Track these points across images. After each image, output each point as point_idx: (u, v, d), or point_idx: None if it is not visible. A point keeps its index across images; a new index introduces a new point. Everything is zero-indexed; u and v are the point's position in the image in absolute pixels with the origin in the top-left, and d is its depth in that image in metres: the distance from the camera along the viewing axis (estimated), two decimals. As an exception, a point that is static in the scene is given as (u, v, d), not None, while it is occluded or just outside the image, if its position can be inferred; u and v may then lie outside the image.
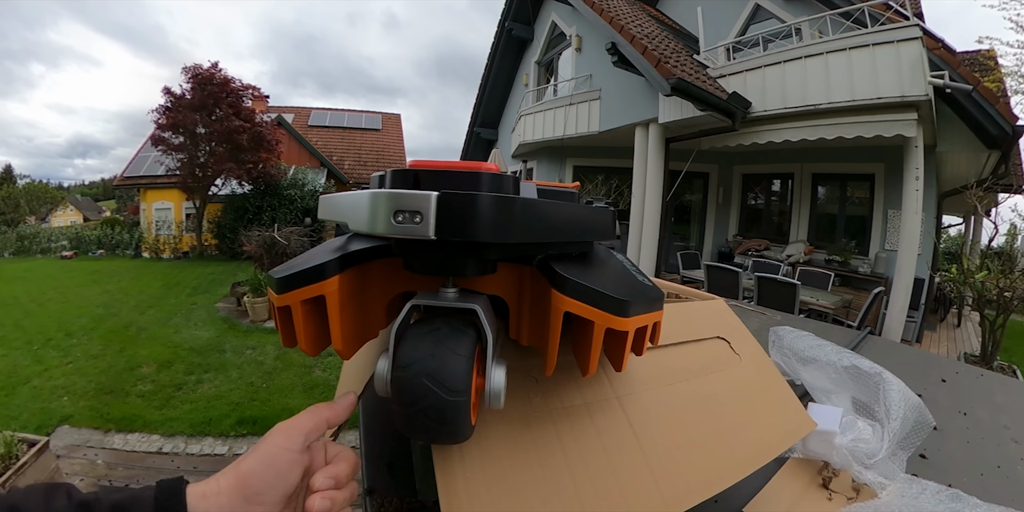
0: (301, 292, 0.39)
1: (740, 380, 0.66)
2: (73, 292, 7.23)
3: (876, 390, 0.79)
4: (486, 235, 0.32)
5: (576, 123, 6.55)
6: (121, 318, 5.69)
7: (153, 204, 12.21)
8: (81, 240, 12.64)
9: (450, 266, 0.38)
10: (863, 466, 0.68)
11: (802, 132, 4.65)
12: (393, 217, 0.32)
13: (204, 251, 11.07)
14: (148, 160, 11.99)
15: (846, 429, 0.72)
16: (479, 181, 0.34)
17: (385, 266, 0.44)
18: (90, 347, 4.64)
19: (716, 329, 0.73)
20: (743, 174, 7.30)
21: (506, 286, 0.46)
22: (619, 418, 0.53)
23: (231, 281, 7.08)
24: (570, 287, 0.37)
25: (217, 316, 5.75)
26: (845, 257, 5.79)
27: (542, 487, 0.45)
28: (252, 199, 10.64)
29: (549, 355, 0.40)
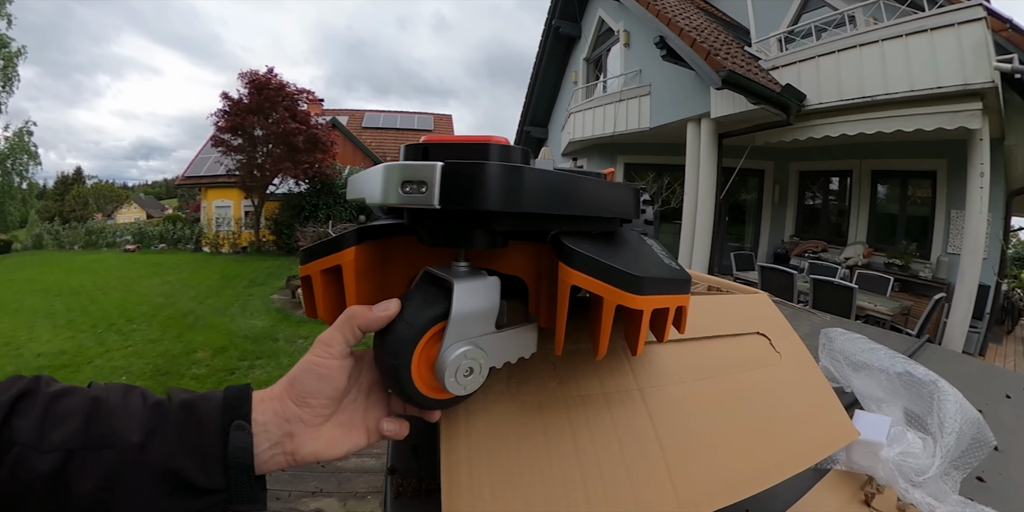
0: (320, 262, 0.41)
1: (778, 380, 0.61)
2: (135, 282, 7.79)
3: (930, 400, 0.71)
4: (489, 203, 0.32)
5: (626, 119, 6.42)
6: (180, 307, 6.07)
7: (213, 202, 12.95)
8: (144, 235, 13.61)
9: (457, 237, 0.38)
10: (911, 484, 0.61)
11: (859, 126, 4.38)
12: (401, 188, 0.33)
13: (262, 246, 11.64)
14: (208, 161, 12.72)
15: (894, 441, 0.64)
16: (486, 152, 0.34)
17: (406, 243, 0.45)
18: (149, 332, 4.98)
19: (756, 324, 0.68)
20: (800, 171, 6.95)
21: (523, 265, 0.45)
22: (639, 411, 0.49)
23: (286, 274, 7.39)
24: (577, 259, 0.35)
25: (272, 307, 6.03)
26: (905, 261, 5.42)
27: (548, 476, 0.43)
28: (308, 197, 11.11)
29: (558, 333, 0.38)
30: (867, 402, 0.76)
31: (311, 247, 0.42)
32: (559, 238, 0.38)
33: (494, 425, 0.44)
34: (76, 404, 0.33)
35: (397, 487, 0.68)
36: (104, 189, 21.48)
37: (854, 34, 4.37)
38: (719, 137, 5.32)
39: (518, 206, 0.33)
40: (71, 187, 20.84)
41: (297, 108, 10.96)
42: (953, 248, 5.05)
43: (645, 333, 0.40)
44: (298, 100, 11.08)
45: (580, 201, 0.38)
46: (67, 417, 0.32)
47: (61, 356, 4.27)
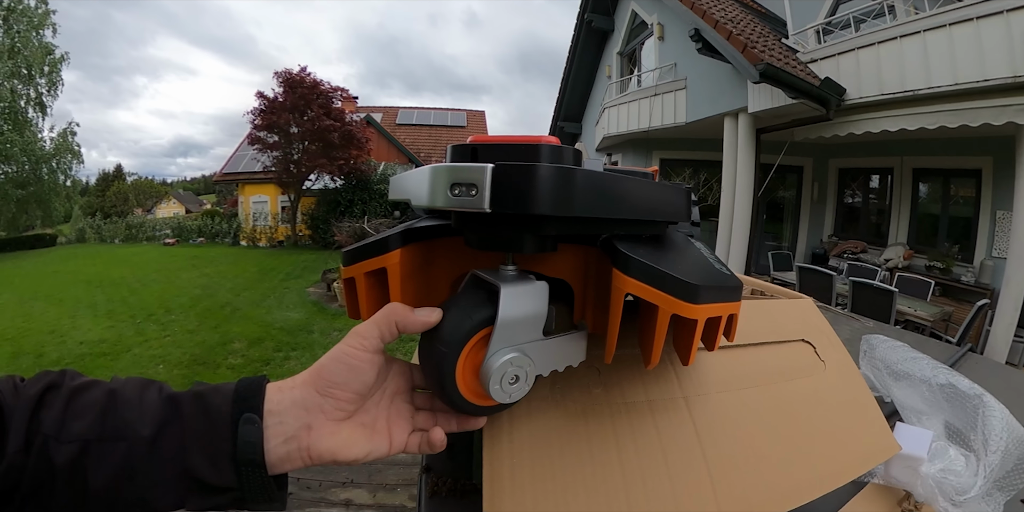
0: (365, 264, 0.40)
1: (822, 390, 0.59)
2: (174, 274, 8.04)
3: (974, 415, 0.66)
4: (541, 207, 0.31)
5: (662, 114, 6.29)
6: (217, 298, 6.25)
7: (251, 197, 13.33)
8: (183, 229, 14.10)
9: (506, 241, 0.37)
10: (951, 503, 0.58)
11: (900, 121, 4.16)
12: (450, 190, 0.32)
13: (298, 241, 11.95)
14: (245, 158, 13.10)
15: (935, 456, 0.61)
16: (537, 153, 0.33)
17: (451, 244, 0.44)
18: (187, 323, 5.15)
19: (801, 331, 0.65)
20: (839, 168, 6.69)
21: (571, 269, 0.44)
22: (683, 420, 0.48)
23: (322, 268, 7.52)
24: (633, 267, 0.34)
25: (308, 300, 6.14)
26: (947, 264, 5.14)
27: (591, 485, 0.42)
28: (344, 193, 11.35)
29: (608, 342, 0.37)
30: (907, 413, 0.72)
31: (355, 249, 0.41)
32: (612, 242, 0.36)
33: (538, 432, 0.44)
34: (95, 397, 0.34)
35: (432, 486, 0.68)
36: (144, 185, 22.51)
37: (894, 25, 4.15)
38: (757, 132, 5.16)
39: (571, 210, 0.32)
40: (112, 184, 21.93)
41: (331, 105, 11.15)
42: (999, 251, 4.77)
43: (698, 343, 0.38)
44: (332, 98, 11.27)
45: (633, 204, 0.37)
46: (86, 409, 0.33)
47: (101, 344, 4.46)
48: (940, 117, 3.90)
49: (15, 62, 11.60)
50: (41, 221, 13.54)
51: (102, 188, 22.04)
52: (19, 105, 11.85)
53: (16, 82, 11.78)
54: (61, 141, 13.12)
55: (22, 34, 11.69)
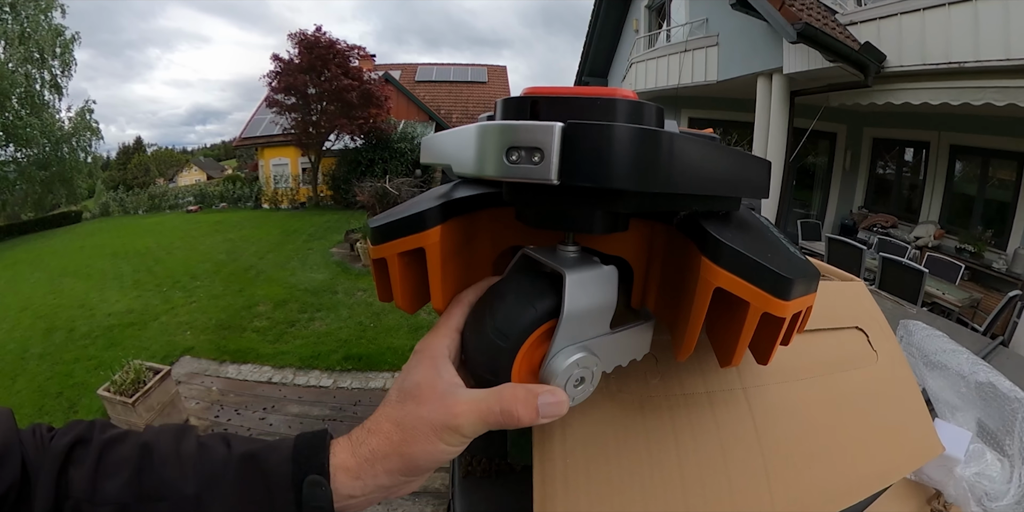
0: (399, 243, 0.33)
1: (874, 383, 0.55)
2: (198, 241, 8.09)
3: (1012, 419, 0.64)
4: (623, 180, 0.24)
5: (692, 71, 5.97)
6: (241, 262, 6.30)
7: (271, 160, 13.34)
8: (205, 195, 14.21)
9: (574, 220, 0.31)
10: (982, 508, 0.56)
11: (942, 94, 3.86)
12: (506, 155, 0.25)
13: (319, 201, 12.02)
14: (264, 121, 13.03)
15: (972, 459, 0.59)
16: (614, 110, 0.26)
17: (495, 216, 0.38)
18: (212, 288, 5.21)
19: (854, 318, 0.61)
20: (874, 138, 6.35)
21: (633, 246, 0.38)
22: (743, 413, 0.45)
23: (345, 228, 7.46)
24: (727, 257, 0.28)
25: (331, 260, 6.15)
26: (979, 248, 4.89)
27: (648, 486, 0.39)
28: (364, 153, 11.30)
29: (687, 338, 0.32)
30: (940, 406, 0.70)
31: (386, 224, 0.34)
32: (699, 223, 0.31)
33: (592, 429, 0.40)
34: (127, 452, 0.31)
35: (466, 466, 0.67)
36: (164, 155, 22.76)
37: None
38: (791, 95, 4.89)
39: (661, 184, 0.25)
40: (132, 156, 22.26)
41: (349, 65, 10.93)
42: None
43: (780, 341, 0.33)
44: (349, 57, 11.05)
45: (726, 178, 0.31)
46: (119, 467, 0.30)
47: (129, 315, 4.55)
48: (986, 93, 3.60)
49: (27, 47, 11.60)
50: (66, 199, 13.76)
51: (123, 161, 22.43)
52: (35, 89, 11.92)
53: (30, 67, 11.81)
54: (79, 120, 13.22)
55: (31, 19, 11.63)
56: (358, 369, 3.24)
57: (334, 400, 2.81)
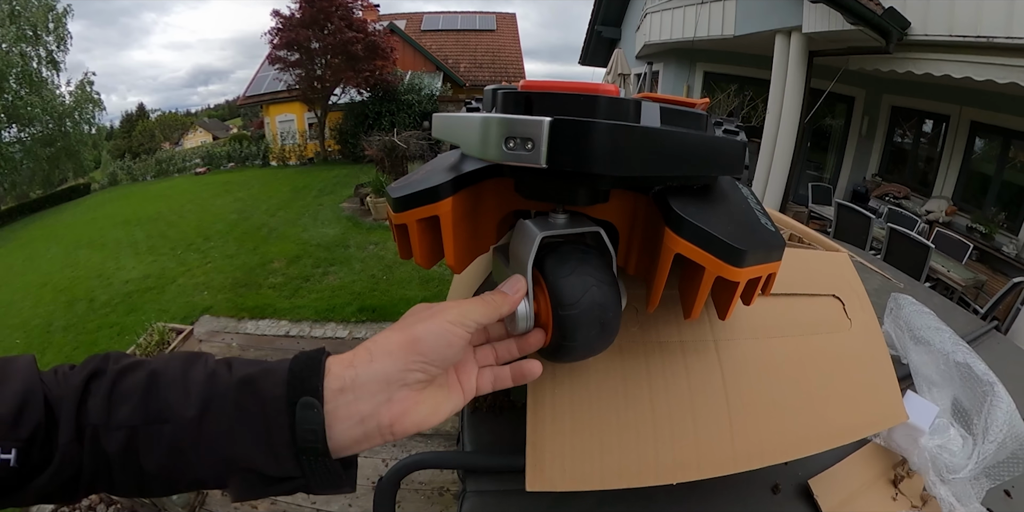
0: (417, 212, 0.40)
1: (844, 349, 0.60)
2: (208, 202, 8.11)
3: (982, 401, 0.69)
4: (600, 167, 0.31)
5: (708, 24, 5.74)
6: (253, 221, 6.35)
7: (276, 117, 13.16)
8: (212, 157, 14.05)
9: (561, 195, 0.38)
10: (940, 478, 0.62)
11: (967, 69, 3.68)
12: (504, 143, 0.31)
13: (328, 156, 11.97)
14: (268, 78, 12.75)
15: (936, 432, 0.64)
16: (595, 106, 0.32)
17: (498, 185, 0.45)
18: (226, 248, 5.29)
19: (833, 286, 0.66)
20: (892, 106, 6.11)
21: (619, 213, 0.45)
22: (711, 362, 0.52)
23: (354, 183, 7.50)
24: (686, 228, 0.35)
25: (342, 215, 6.19)
26: (990, 230, 4.77)
27: (623, 418, 0.47)
28: (371, 106, 11.14)
29: (653, 293, 0.39)
30: (920, 380, 0.75)
31: (405, 196, 0.40)
32: (666, 198, 0.37)
33: (578, 366, 0.48)
34: (137, 379, 0.32)
35: (473, 403, 0.76)
36: (168, 119, 22.40)
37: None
38: (809, 55, 4.72)
39: (629, 169, 0.31)
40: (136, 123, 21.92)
41: (352, 16, 10.59)
42: None
43: (736, 301, 0.40)
44: (352, 8, 10.68)
45: (691, 161, 0.36)
46: (130, 394, 0.32)
47: (146, 280, 4.65)
48: (1014, 73, 3.42)
49: (19, 25, 11.38)
50: (73, 173, 13.82)
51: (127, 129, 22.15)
52: (32, 67, 11.76)
53: (24, 45, 11.62)
54: (80, 93, 13.13)
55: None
56: (372, 320, 3.33)
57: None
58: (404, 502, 1.86)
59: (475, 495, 0.63)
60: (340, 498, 1.89)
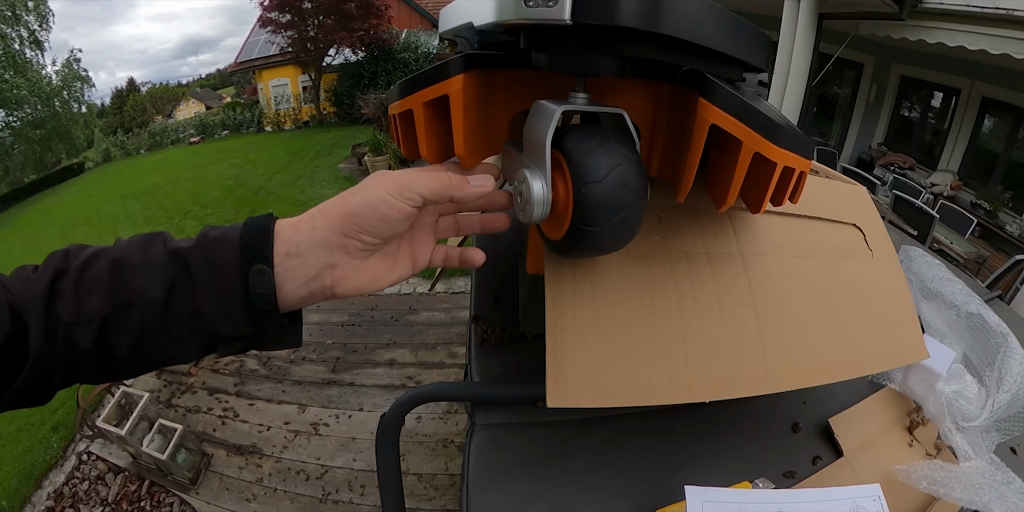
0: (424, 93, 0.37)
1: (866, 278, 0.58)
2: (204, 170, 8.00)
3: (995, 353, 0.67)
4: (628, 19, 0.28)
5: (716, -21, 5.61)
6: (250, 186, 6.29)
7: (270, 82, 12.87)
8: (206, 126, 13.76)
9: (583, 61, 0.34)
10: (954, 426, 0.60)
11: (981, 41, 3.57)
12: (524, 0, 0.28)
13: (323, 119, 11.78)
14: (259, 43, 12.41)
15: (952, 377, 0.62)
16: None
17: (511, 76, 0.41)
18: (223, 213, 5.27)
19: (854, 216, 0.63)
20: (902, 75, 5.95)
21: (640, 106, 0.41)
22: (739, 275, 0.49)
23: (351, 144, 7.32)
24: (722, 96, 0.32)
25: (340, 176, 6.15)
26: (995, 207, 4.73)
27: (650, 328, 0.44)
28: (367, 65, 10.89)
29: (685, 178, 0.36)
30: (930, 332, 0.73)
31: (411, 78, 0.38)
32: (699, 72, 0.34)
33: (599, 272, 0.45)
34: (101, 269, 0.33)
35: (481, 334, 0.74)
36: (159, 92, 21.91)
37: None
38: (819, 17, 4.58)
39: (665, 26, 0.28)
40: (127, 98, 21.45)
41: (344, -26, 10.25)
42: None
43: (772, 190, 0.37)
44: (345, -35, 10.32)
45: (729, 35, 0.33)
46: (97, 284, 0.32)
47: None
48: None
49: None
50: (66, 154, 13.48)
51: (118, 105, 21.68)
52: (14, 49, 11.31)
53: (3, 26, 11.15)
54: (67, 72, 12.72)
55: (-6, -23, 10.83)
56: None
57: (351, 306, 2.92)
58: (408, 455, 1.89)
59: (484, 429, 0.61)
60: (345, 453, 1.94)
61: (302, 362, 2.44)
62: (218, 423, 2.15)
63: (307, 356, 2.47)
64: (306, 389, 2.27)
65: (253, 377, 2.38)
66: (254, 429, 2.10)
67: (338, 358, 2.45)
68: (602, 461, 0.57)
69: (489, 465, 0.56)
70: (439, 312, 2.82)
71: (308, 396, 2.23)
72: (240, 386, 2.33)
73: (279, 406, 2.20)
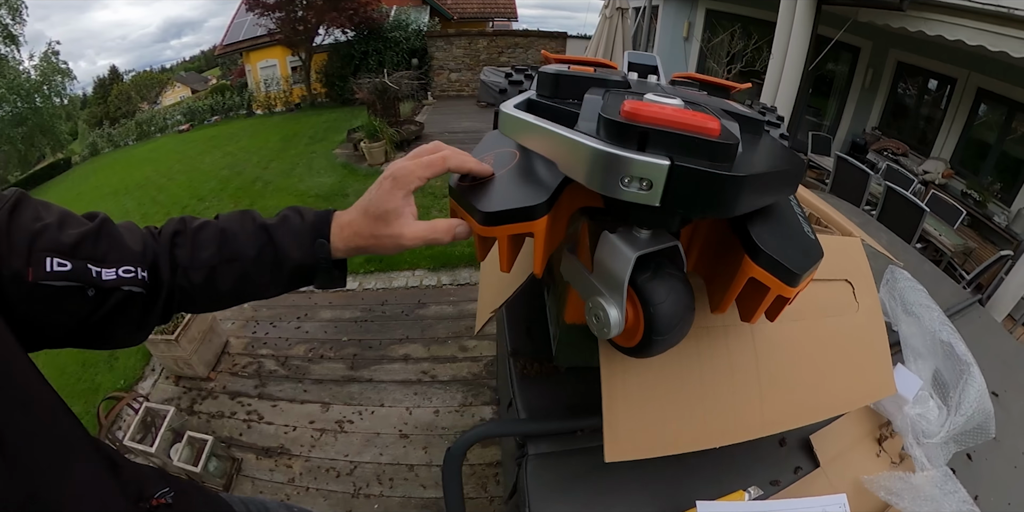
0: (510, 228, 0.42)
1: (851, 329, 0.70)
2: (197, 161, 7.70)
3: (959, 379, 0.81)
4: (712, 212, 0.34)
5: (713, -42, 5.46)
6: (246, 176, 6.09)
7: (258, 64, 12.54)
8: (194, 112, 13.31)
9: (662, 222, 0.40)
10: (916, 441, 0.74)
11: (980, 37, 3.59)
12: (620, 180, 0.33)
13: (315, 100, 11.56)
14: (245, 24, 11.99)
15: (918, 402, 0.76)
16: (712, 151, 0.33)
17: (573, 185, 0.45)
18: (221, 206, 5.11)
19: (846, 271, 0.74)
20: (898, 61, 5.95)
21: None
22: (748, 343, 0.61)
23: (345, 127, 7.16)
24: (763, 259, 0.40)
25: (336, 162, 5.97)
26: (984, 198, 4.84)
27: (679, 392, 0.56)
28: (357, 45, 10.63)
29: (724, 303, 0.46)
30: (908, 350, 0.86)
31: (497, 213, 0.42)
32: (746, 227, 0.40)
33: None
34: (211, 234, 0.49)
35: (521, 369, 0.85)
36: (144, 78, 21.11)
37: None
38: (818, 1, 4.57)
39: (736, 211, 0.35)
40: (111, 88, 20.61)
41: (332, -50, 9.89)
42: None
43: (772, 310, 0.45)
44: (331, -58, 9.95)
45: (780, 191, 0.41)
46: (208, 243, 0.48)
47: None
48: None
49: None
50: (51, 149, 13.13)
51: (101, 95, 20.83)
52: None
53: None
54: (45, 65, 12.35)
55: (-40, -29, 10.09)
56: (380, 270, 3.33)
57: (362, 302, 3.00)
58: (430, 448, 2.00)
59: (536, 457, 0.73)
60: (371, 448, 2.02)
61: (320, 360, 2.50)
62: (243, 427, 2.17)
63: (324, 354, 2.54)
64: (327, 387, 2.34)
65: (273, 378, 2.42)
66: (280, 430, 2.14)
67: (355, 355, 2.52)
68: (630, 478, 0.69)
69: (544, 485, 0.69)
70: (447, 305, 2.91)
71: (330, 394, 2.29)
72: (261, 388, 2.37)
73: (302, 406, 2.24)
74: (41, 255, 0.41)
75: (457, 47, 10.23)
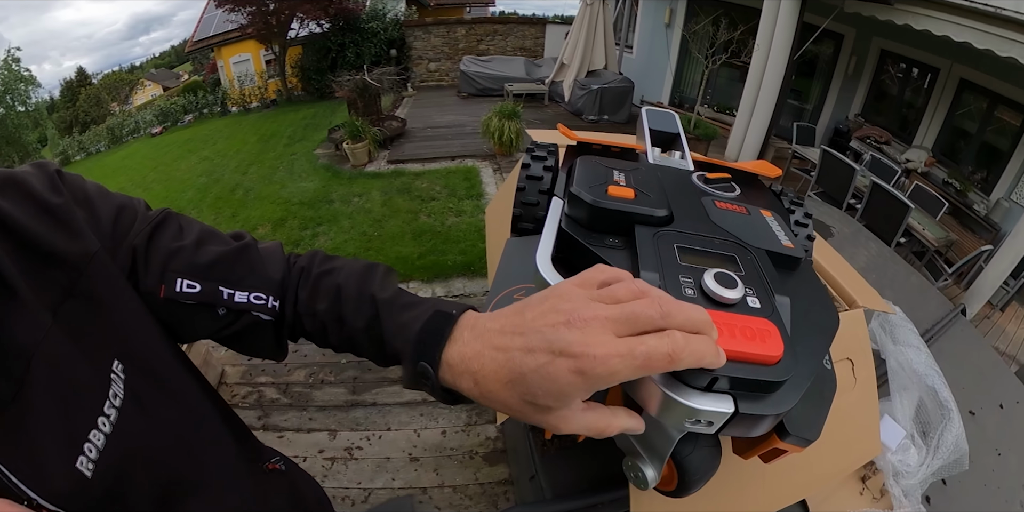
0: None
1: (848, 404, 0.72)
2: (172, 167, 7.44)
3: (939, 422, 0.86)
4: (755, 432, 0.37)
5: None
6: (225, 183, 5.87)
7: (231, 59, 12.16)
8: (167, 113, 12.94)
9: None
10: (895, 481, 0.80)
11: (968, 34, 3.63)
12: (687, 420, 0.34)
13: (291, 95, 11.30)
14: (216, 19, 11.58)
15: (900, 450, 0.83)
16: (770, 386, 0.34)
17: None
18: (202, 218, 4.73)
19: (848, 348, 0.75)
20: (882, 49, 5.98)
21: None
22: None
23: (325, 124, 6.94)
24: (791, 437, 0.41)
25: (318, 164, 5.74)
26: (965, 187, 4.95)
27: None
28: (333, 37, 10.34)
29: (746, 456, 0.48)
30: (894, 383, 0.90)
31: None
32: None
33: None
34: (329, 287, 0.48)
35: (541, 445, 0.84)
36: (113, 79, 20.36)
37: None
38: (805, -8, 4.58)
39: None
40: (79, 90, 19.85)
41: (301, -61, 9.55)
42: (1018, 196, 4.53)
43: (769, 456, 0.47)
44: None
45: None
46: (323, 296, 0.47)
47: None
48: (1016, 48, 3.36)
49: None
50: (19, 159, 12.48)
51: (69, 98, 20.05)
52: None
53: None
54: (7, 74, 11.83)
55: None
56: None
57: None
58: (441, 469, 2.02)
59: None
60: (383, 473, 2.02)
61: (321, 385, 2.48)
62: (254, 464, 2.16)
63: (325, 378, 2.51)
64: (332, 414, 2.31)
65: (276, 407, 2.38)
66: (290, 462, 2.14)
67: (355, 377, 2.49)
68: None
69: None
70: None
71: (336, 421, 2.27)
72: (265, 419, 2.31)
73: (309, 435, 2.21)
74: (172, 275, 0.44)
75: (435, 36, 10.05)
